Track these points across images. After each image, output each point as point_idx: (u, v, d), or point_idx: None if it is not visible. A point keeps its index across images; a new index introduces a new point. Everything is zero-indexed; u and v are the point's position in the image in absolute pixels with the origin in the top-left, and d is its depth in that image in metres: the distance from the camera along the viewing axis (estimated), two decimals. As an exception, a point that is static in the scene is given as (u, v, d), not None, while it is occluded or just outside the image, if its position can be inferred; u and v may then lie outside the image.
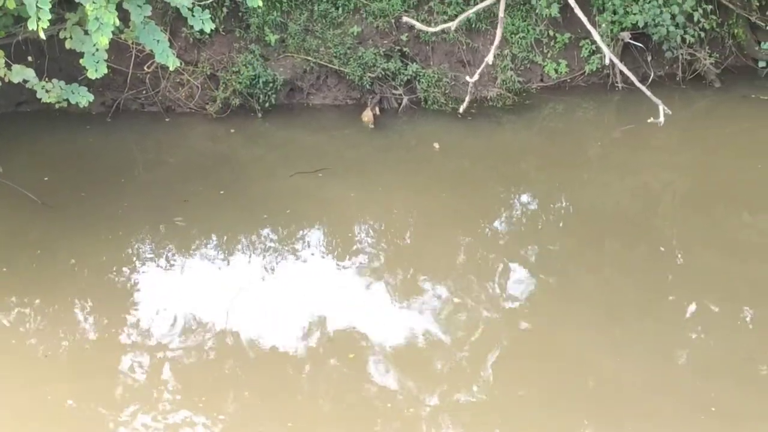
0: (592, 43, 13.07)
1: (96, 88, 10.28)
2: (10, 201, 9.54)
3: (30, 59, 10.54)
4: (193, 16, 8.26)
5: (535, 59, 13.16)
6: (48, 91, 8.71)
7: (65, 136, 11.25)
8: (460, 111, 7.94)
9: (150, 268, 8.96)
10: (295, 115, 12.34)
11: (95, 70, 8.06)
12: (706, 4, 13.43)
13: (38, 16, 7.07)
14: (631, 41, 13.10)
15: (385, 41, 12.62)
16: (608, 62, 6.28)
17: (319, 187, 10.45)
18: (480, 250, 9.54)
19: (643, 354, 7.80)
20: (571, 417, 7.12)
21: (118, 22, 7.63)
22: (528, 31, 13.06)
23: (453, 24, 6.64)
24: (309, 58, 12.33)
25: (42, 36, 7.26)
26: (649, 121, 7.02)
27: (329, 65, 12.39)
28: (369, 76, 12.29)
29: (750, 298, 8.60)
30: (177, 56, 9.01)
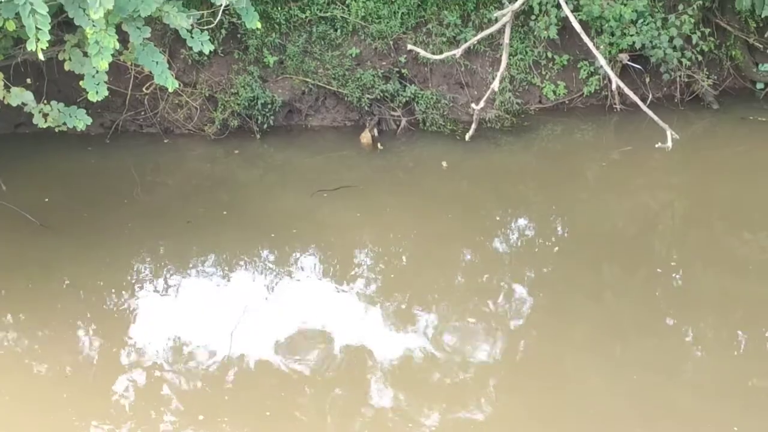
0: (591, 65, 13.10)
1: (95, 109, 10.28)
2: (9, 222, 9.53)
3: (29, 81, 10.54)
4: (192, 37, 8.29)
5: (534, 81, 13.18)
6: (45, 116, 8.71)
7: (64, 157, 11.24)
8: (467, 138, 7.95)
9: (149, 290, 8.95)
10: (294, 137, 12.35)
11: (96, 92, 8.07)
12: (704, 26, 13.46)
13: (37, 38, 7.08)
14: (630, 63, 13.13)
15: (384, 63, 12.64)
16: (615, 87, 6.27)
17: (317, 208, 10.44)
18: (479, 272, 9.53)
19: (642, 375, 7.77)
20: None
21: (118, 45, 7.65)
22: (526, 52, 13.09)
23: (458, 51, 6.66)
24: (307, 79, 12.35)
25: (41, 58, 7.25)
26: (657, 146, 7.02)
27: (328, 87, 12.41)
28: (367, 98, 12.31)
29: (750, 319, 8.59)
30: (176, 77, 9.03)
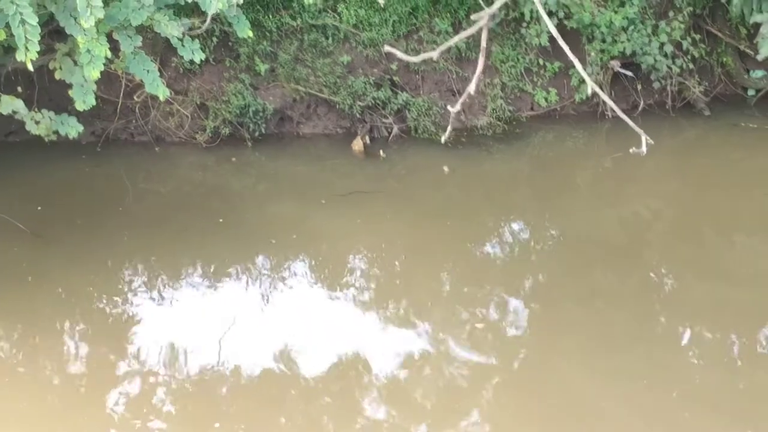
0: (582, 72, 13.10)
1: (86, 117, 10.25)
2: (0, 232, 9.52)
3: (19, 89, 10.53)
4: (183, 46, 8.29)
5: (525, 88, 13.19)
6: (38, 123, 8.70)
7: (55, 166, 11.22)
8: (442, 140, 7.95)
9: (142, 299, 8.92)
10: (286, 144, 12.34)
11: (83, 102, 8.08)
12: (695, 33, 13.50)
13: (27, 48, 7.07)
14: (621, 70, 13.15)
15: (375, 70, 12.64)
16: (590, 92, 6.25)
17: (308, 217, 10.45)
18: (471, 280, 9.50)
19: (634, 383, 7.76)
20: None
21: (109, 54, 7.64)
22: (518, 59, 13.11)
23: (435, 53, 6.59)
24: (299, 87, 12.35)
25: (30, 67, 7.25)
26: (631, 150, 7.01)
27: (319, 94, 12.41)
28: (359, 105, 12.31)
29: (741, 325, 8.59)
30: (167, 86, 9.02)
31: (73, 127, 8.76)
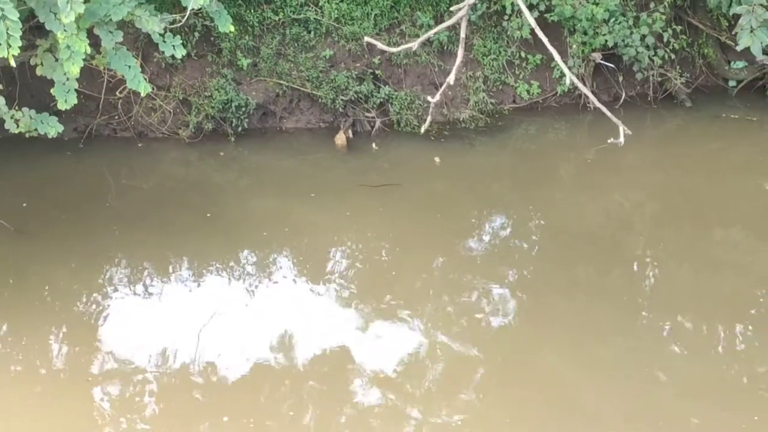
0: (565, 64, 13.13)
1: (68, 114, 10.26)
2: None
3: (0, 86, 10.49)
4: (164, 41, 8.28)
5: (507, 80, 13.22)
6: (17, 121, 8.67)
7: (37, 162, 11.18)
8: (422, 130, 7.97)
9: (127, 295, 8.90)
10: (269, 139, 12.33)
11: (65, 101, 8.06)
12: (676, 25, 13.54)
13: (9, 44, 7.06)
14: (603, 62, 13.19)
15: (358, 64, 12.65)
16: (569, 83, 6.28)
17: (292, 211, 10.45)
18: (456, 273, 9.52)
19: (620, 374, 7.82)
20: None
21: (89, 50, 7.62)
22: (499, 52, 13.13)
23: (415, 44, 6.63)
24: (281, 81, 12.34)
25: (12, 64, 7.24)
26: (609, 141, 7.04)
27: (302, 89, 12.40)
28: (342, 99, 12.31)
29: (724, 315, 8.65)
30: (149, 81, 9.00)
31: (53, 127, 8.71)
